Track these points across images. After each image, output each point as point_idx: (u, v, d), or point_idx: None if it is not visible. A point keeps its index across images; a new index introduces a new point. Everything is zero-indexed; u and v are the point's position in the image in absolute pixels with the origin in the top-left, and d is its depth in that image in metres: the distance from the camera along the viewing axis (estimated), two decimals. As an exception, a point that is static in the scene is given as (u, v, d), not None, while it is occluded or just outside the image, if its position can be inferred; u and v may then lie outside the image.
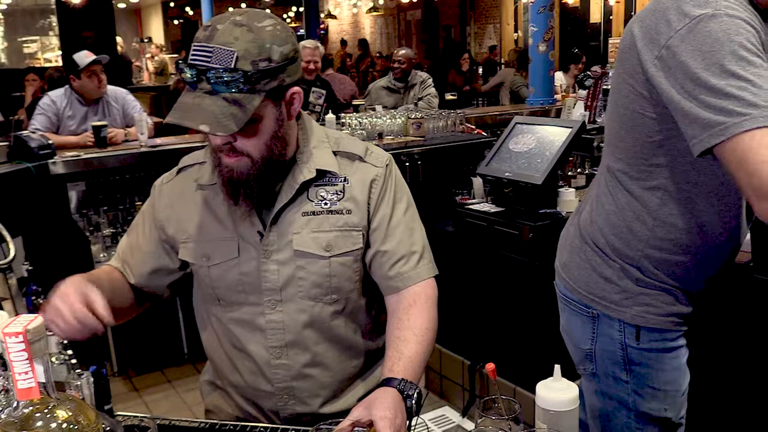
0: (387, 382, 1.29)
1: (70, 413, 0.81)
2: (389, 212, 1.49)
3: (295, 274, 1.45)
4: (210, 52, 1.27)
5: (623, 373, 1.58)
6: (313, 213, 1.45)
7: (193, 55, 1.29)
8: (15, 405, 0.80)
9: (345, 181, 1.48)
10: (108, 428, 0.90)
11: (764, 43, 1.26)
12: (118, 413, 1.43)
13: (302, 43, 5.37)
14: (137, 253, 1.57)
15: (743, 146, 1.18)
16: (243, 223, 1.45)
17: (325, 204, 1.46)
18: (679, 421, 1.60)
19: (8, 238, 2.28)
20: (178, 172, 1.59)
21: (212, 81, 1.26)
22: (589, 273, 1.58)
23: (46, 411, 0.80)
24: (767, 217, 1.20)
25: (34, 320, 0.77)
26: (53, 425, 0.80)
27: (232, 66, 1.26)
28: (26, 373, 0.76)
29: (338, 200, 1.46)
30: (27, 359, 0.76)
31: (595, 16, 12.17)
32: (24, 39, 14.50)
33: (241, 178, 1.37)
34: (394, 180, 1.53)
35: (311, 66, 5.30)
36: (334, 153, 1.50)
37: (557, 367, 1.19)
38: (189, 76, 1.28)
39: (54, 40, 13.29)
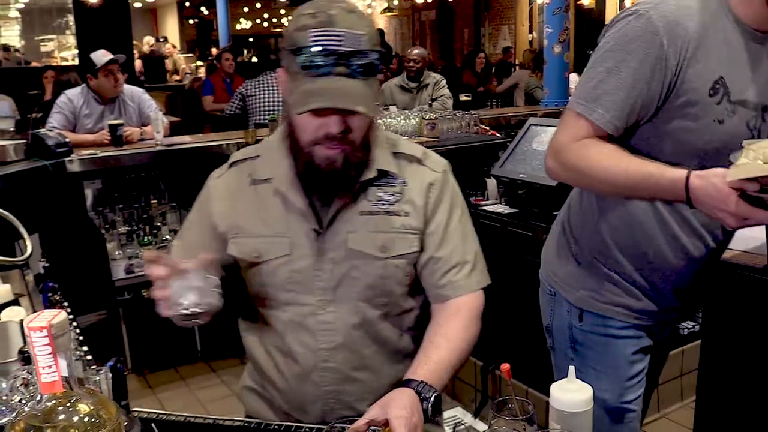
0: (406, 383, 1.28)
1: (92, 407, 0.82)
2: (445, 218, 1.48)
3: (348, 274, 1.43)
4: (341, 36, 1.26)
5: (570, 351, 1.71)
6: (370, 213, 1.43)
7: (322, 39, 1.27)
8: (38, 398, 0.81)
9: (403, 183, 1.46)
10: (126, 423, 0.92)
11: (687, 43, 1.38)
12: (135, 409, 1.45)
13: None
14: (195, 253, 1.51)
15: (564, 118, 1.50)
16: (297, 220, 1.43)
17: (383, 204, 1.44)
18: (619, 404, 1.68)
19: (25, 235, 2.29)
20: (230, 166, 1.55)
21: (348, 64, 1.27)
22: (553, 254, 1.74)
23: (68, 405, 0.81)
24: (547, 171, 1.53)
25: (58, 315, 0.78)
26: (75, 419, 0.81)
27: (364, 49, 1.27)
28: (50, 367, 0.77)
29: (396, 201, 1.44)
30: (51, 353, 0.77)
31: (611, 17, 12.11)
32: (41, 37, 14.62)
33: (336, 167, 1.35)
34: (451, 186, 1.52)
35: None
36: (393, 154, 1.48)
37: (572, 368, 1.19)
38: (321, 60, 1.27)
39: (71, 39, 13.38)
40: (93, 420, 0.81)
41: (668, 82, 1.39)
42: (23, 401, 1.00)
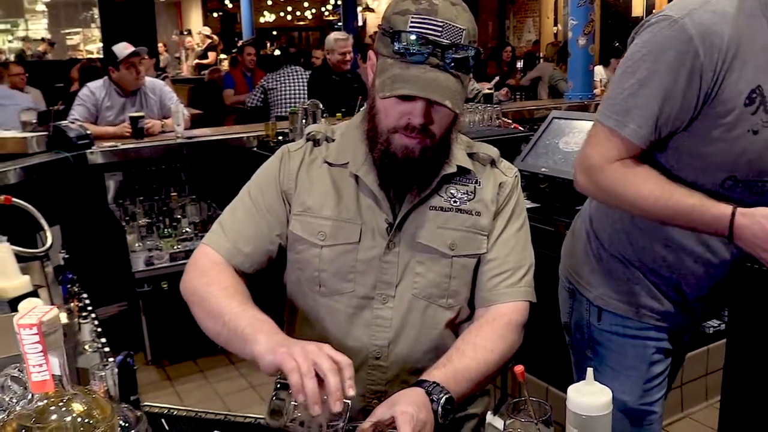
0: (418, 383, 1.22)
1: (85, 407, 0.80)
2: (506, 222, 1.44)
3: (413, 269, 1.39)
4: (440, 26, 1.24)
5: (588, 350, 1.68)
6: (441, 209, 1.40)
7: (421, 27, 1.24)
8: (30, 397, 0.79)
9: (477, 183, 1.43)
10: (127, 422, 0.90)
11: (725, 54, 1.29)
12: (147, 403, 1.43)
13: (335, 35, 5.37)
14: (253, 222, 1.42)
15: (593, 131, 1.44)
16: (371, 208, 1.39)
17: (455, 202, 1.41)
18: (639, 406, 1.63)
19: (46, 226, 2.30)
20: (307, 140, 1.49)
21: (443, 56, 1.24)
22: (573, 250, 1.70)
23: (61, 404, 0.79)
24: (576, 186, 1.49)
25: (49, 312, 0.76)
26: (68, 419, 0.79)
27: (462, 43, 1.25)
28: (40, 365, 0.75)
29: (468, 200, 1.41)
30: (41, 351, 0.75)
31: (637, 9, 11.93)
32: (67, 31, 14.79)
33: (413, 156, 1.31)
34: (518, 194, 1.48)
35: (347, 57, 5.29)
36: (469, 155, 1.45)
37: (590, 370, 1.14)
38: (417, 47, 1.24)
39: (96, 32, 13.52)
40: (85, 420, 0.78)
41: (704, 93, 1.32)
42: (14, 400, 0.98)
